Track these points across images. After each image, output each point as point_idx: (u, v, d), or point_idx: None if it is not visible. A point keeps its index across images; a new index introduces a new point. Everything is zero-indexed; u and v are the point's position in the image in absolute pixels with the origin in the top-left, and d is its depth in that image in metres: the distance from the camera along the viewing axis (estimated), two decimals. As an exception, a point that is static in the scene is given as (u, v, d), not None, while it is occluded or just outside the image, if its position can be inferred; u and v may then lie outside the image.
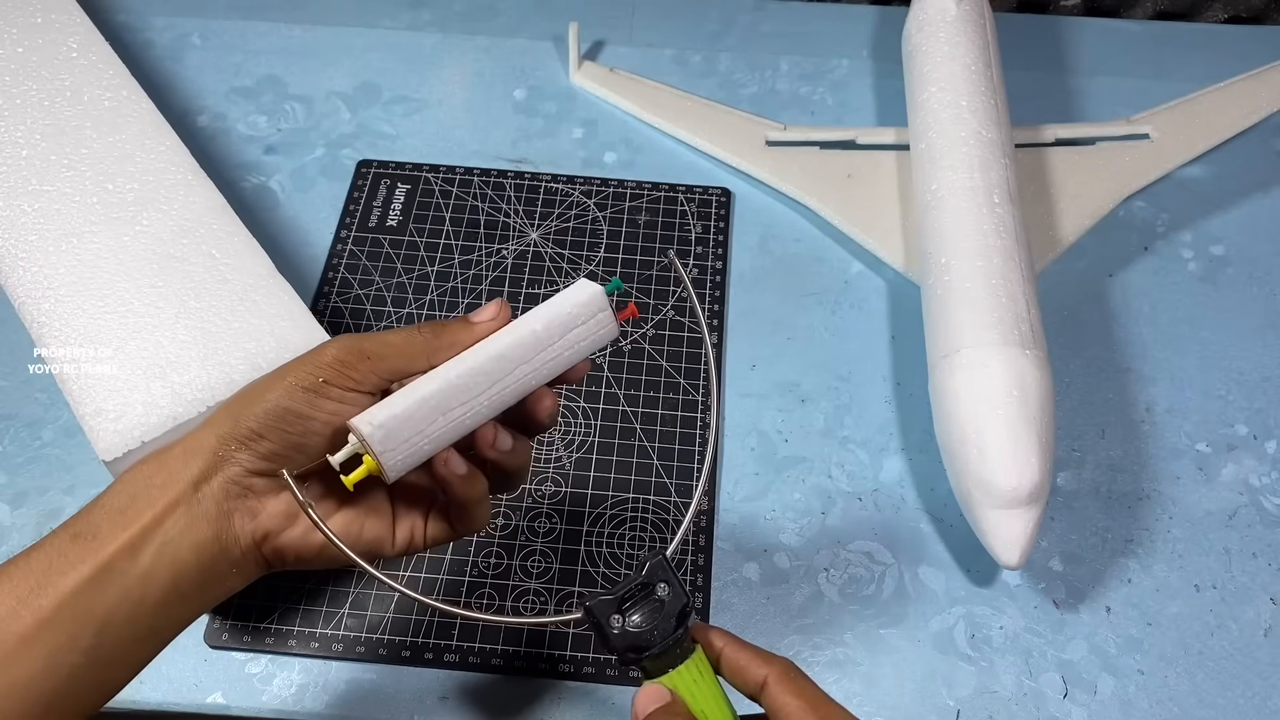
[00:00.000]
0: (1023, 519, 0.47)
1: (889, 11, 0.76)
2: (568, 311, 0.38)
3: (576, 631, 0.50)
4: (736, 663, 0.36)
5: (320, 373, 0.37)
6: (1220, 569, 0.53)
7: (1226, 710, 0.49)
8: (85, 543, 0.35)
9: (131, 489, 0.36)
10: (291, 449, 0.37)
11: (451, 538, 0.41)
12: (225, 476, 0.36)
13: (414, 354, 0.38)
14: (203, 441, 0.37)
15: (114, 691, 0.36)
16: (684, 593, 0.35)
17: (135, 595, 0.35)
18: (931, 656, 0.50)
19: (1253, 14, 0.76)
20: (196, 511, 0.36)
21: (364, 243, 0.63)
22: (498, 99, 0.70)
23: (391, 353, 0.38)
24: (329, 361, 0.37)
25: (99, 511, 0.35)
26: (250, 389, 0.38)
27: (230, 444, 0.36)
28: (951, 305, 0.52)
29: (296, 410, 0.37)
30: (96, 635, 0.34)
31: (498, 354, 0.37)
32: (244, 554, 0.37)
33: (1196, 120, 0.67)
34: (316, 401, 0.37)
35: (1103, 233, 0.64)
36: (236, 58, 0.72)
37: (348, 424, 0.36)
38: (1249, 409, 0.58)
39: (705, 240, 0.63)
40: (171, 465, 0.36)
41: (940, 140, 0.59)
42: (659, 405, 0.57)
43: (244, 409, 0.37)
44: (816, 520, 0.54)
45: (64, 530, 0.35)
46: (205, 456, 0.36)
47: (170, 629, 0.37)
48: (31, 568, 0.34)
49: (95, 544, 0.34)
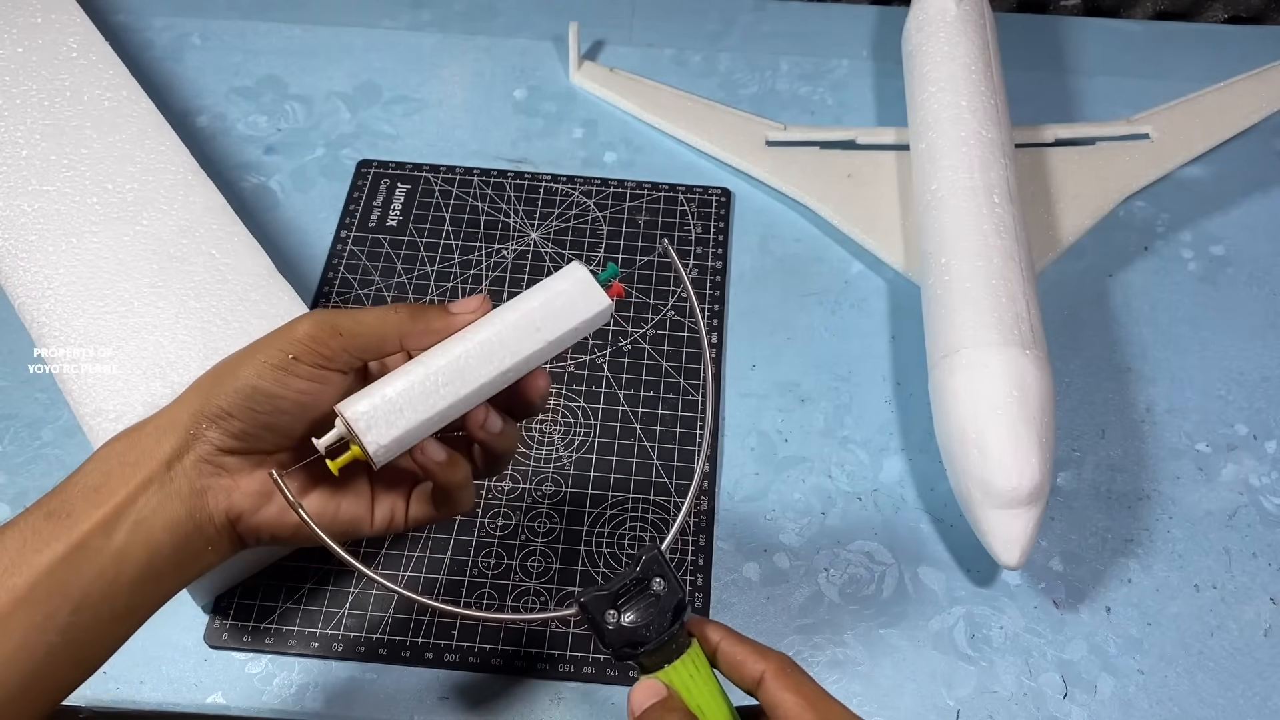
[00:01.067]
0: (1023, 519, 0.47)
1: (889, 11, 0.76)
2: (557, 292, 0.38)
3: (576, 631, 0.50)
4: (733, 657, 0.36)
5: (291, 349, 0.36)
6: (1220, 569, 0.53)
7: (1226, 710, 0.49)
8: (59, 521, 0.35)
9: (105, 466, 0.36)
10: (261, 428, 0.37)
11: (435, 519, 0.41)
12: (197, 454, 0.36)
13: (387, 333, 0.38)
14: (175, 418, 0.37)
15: (91, 669, 0.36)
16: (679, 587, 0.35)
17: (110, 573, 0.35)
18: (931, 656, 0.50)
19: (1253, 14, 0.76)
20: (170, 490, 0.36)
21: (364, 243, 0.63)
22: (498, 99, 0.70)
23: (365, 330, 0.37)
24: (300, 337, 0.37)
25: (73, 489, 0.35)
26: (223, 365, 0.38)
27: (201, 422, 0.36)
28: (951, 305, 0.52)
29: (266, 390, 0.36)
30: (73, 613, 0.34)
31: (488, 339, 0.37)
32: (218, 532, 0.37)
33: (1196, 120, 0.67)
34: (286, 380, 0.36)
35: (1103, 233, 0.64)
36: (236, 58, 0.72)
37: (335, 409, 0.36)
38: (1249, 409, 0.58)
39: (705, 240, 0.63)
40: (144, 443, 0.36)
41: (940, 140, 0.59)
42: (659, 405, 0.57)
43: (215, 386, 0.37)
44: (816, 520, 0.54)
45: (38, 508, 0.35)
46: (178, 434, 0.36)
47: (147, 607, 0.37)
48: (6, 546, 0.34)
49: (69, 522, 0.34)
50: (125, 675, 0.48)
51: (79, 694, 0.47)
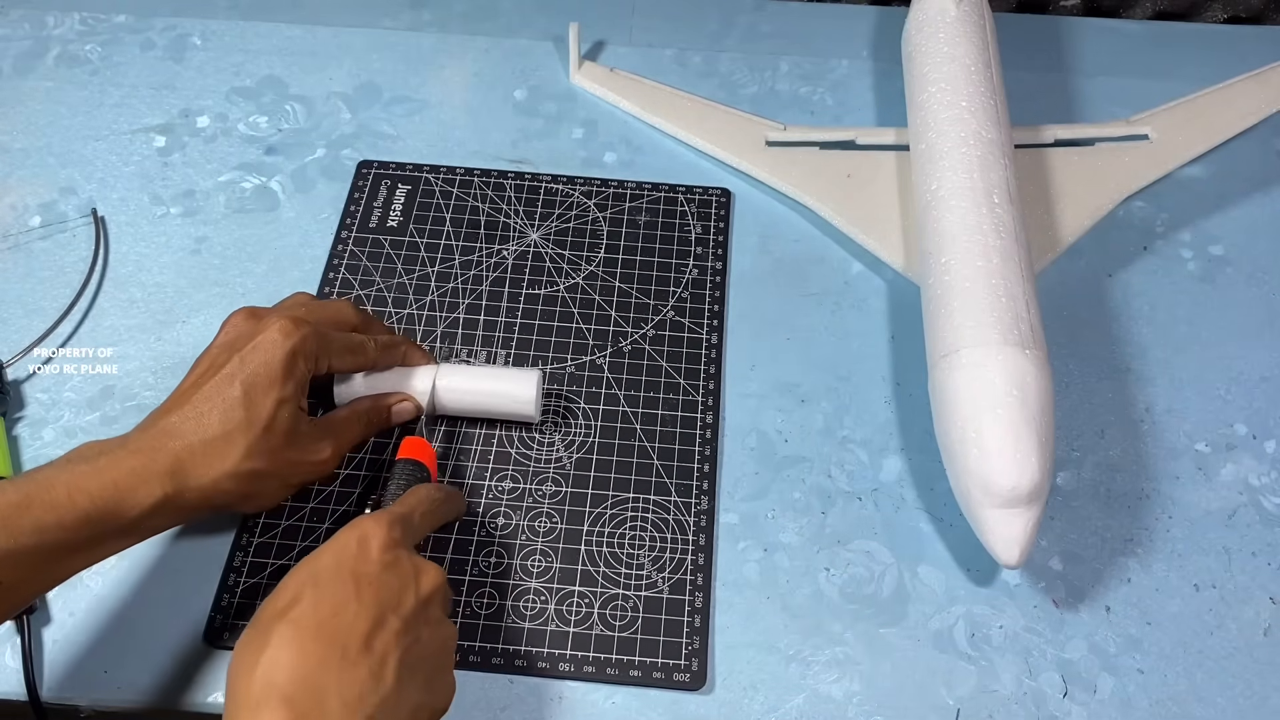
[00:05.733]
0: (1023, 518, 0.47)
1: (889, 11, 0.76)
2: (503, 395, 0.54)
3: (577, 632, 0.50)
4: None
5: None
6: (1220, 568, 0.53)
7: (1226, 710, 0.49)
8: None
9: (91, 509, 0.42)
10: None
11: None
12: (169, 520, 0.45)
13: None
14: (150, 494, 0.43)
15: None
16: None
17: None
18: (931, 656, 0.50)
19: (1252, 14, 0.77)
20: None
21: (364, 243, 0.63)
22: (498, 99, 0.70)
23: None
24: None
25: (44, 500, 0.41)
26: (201, 442, 0.45)
27: (184, 493, 0.44)
28: (951, 305, 0.52)
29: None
30: None
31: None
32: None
33: (1196, 121, 0.67)
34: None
35: (1102, 233, 0.64)
36: (236, 58, 0.72)
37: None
38: (1248, 409, 0.58)
39: (705, 240, 0.63)
40: (124, 504, 0.42)
41: (940, 140, 0.59)
42: (659, 405, 0.57)
43: (196, 468, 0.44)
44: (816, 520, 0.54)
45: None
46: (155, 491, 0.43)
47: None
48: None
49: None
50: (125, 675, 0.48)
51: (79, 694, 0.48)
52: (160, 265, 0.62)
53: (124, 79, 0.70)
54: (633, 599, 0.51)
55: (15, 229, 0.63)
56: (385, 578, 0.40)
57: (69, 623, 0.50)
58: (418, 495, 0.46)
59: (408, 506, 0.45)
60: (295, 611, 0.38)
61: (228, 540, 0.52)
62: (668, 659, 0.49)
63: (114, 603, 0.50)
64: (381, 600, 0.39)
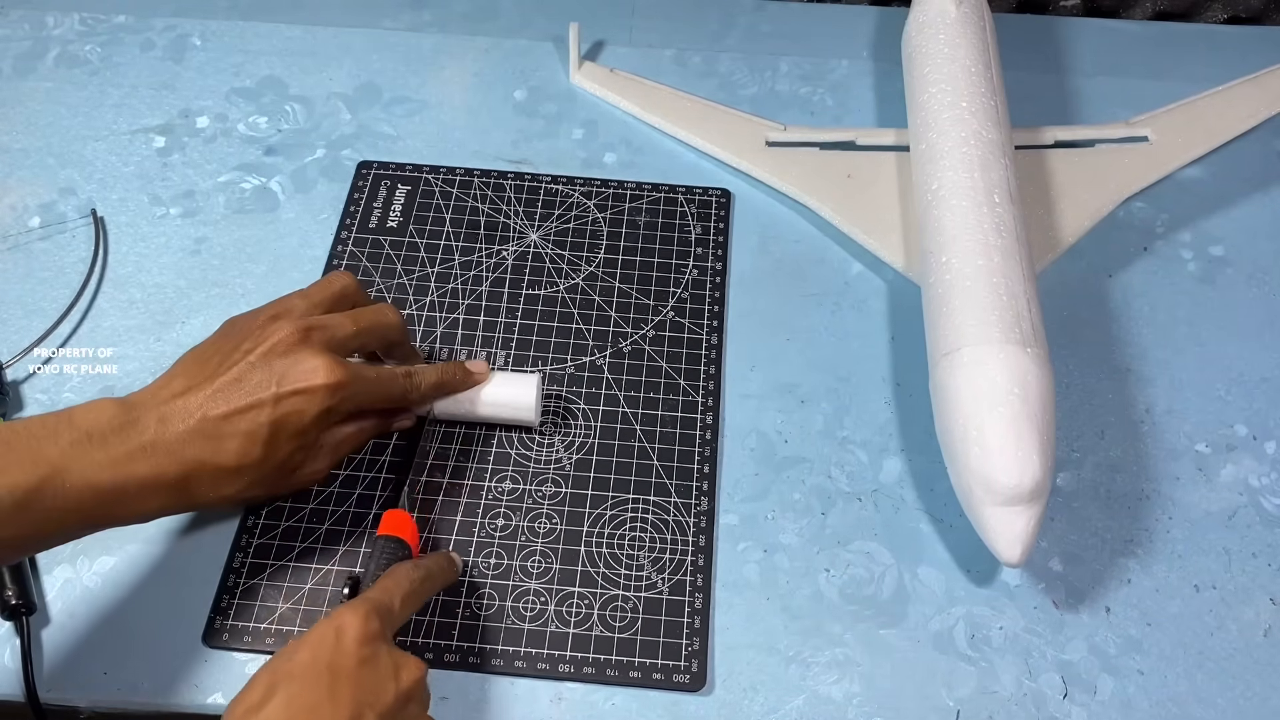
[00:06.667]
0: (1024, 516, 0.47)
1: (889, 12, 0.76)
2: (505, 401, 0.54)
3: (577, 633, 0.50)
4: None
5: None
6: (1220, 569, 0.53)
7: (1226, 710, 0.49)
8: None
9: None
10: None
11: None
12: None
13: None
14: (153, 503, 0.44)
15: None
16: None
17: None
18: (931, 656, 0.50)
19: (1252, 14, 0.77)
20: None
21: (364, 244, 0.63)
22: (498, 100, 0.70)
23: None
24: None
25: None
26: (209, 467, 0.45)
27: (168, 510, 0.46)
28: (952, 303, 0.52)
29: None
30: None
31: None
32: None
33: (1195, 123, 0.67)
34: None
35: (1102, 234, 0.64)
36: (236, 58, 0.72)
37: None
38: (1248, 409, 0.58)
39: (705, 241, 0.63)
40: (125, 507, 0.43)
41: (940, 141, 0.59)
42: (659, 406, 0.57)
43: (201, 488, 0.45)
44: (816, 520, 0.54)
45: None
46: (162, 499, 0.44)
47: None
48: None
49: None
50: (125, 675, 0.48)
51: (78, 695, 0.48)
52: (160, 266, 0.62)
53: (124, 79, 0.70)
54: (632, 600, 0.51)
55: (15, 229, 0.63)
56: (362, 673, 0.38)
57: (68, 624, 0.50)
58: (396, 578, 0.44)
59: (387, 593, 0.43)
60: (267, 710, 0.36)
61: (227, 541, 0.52)
62: (667, 660, 0.49)
63: (113, 604, 0.50)
64: (358, 698, 0.37)
